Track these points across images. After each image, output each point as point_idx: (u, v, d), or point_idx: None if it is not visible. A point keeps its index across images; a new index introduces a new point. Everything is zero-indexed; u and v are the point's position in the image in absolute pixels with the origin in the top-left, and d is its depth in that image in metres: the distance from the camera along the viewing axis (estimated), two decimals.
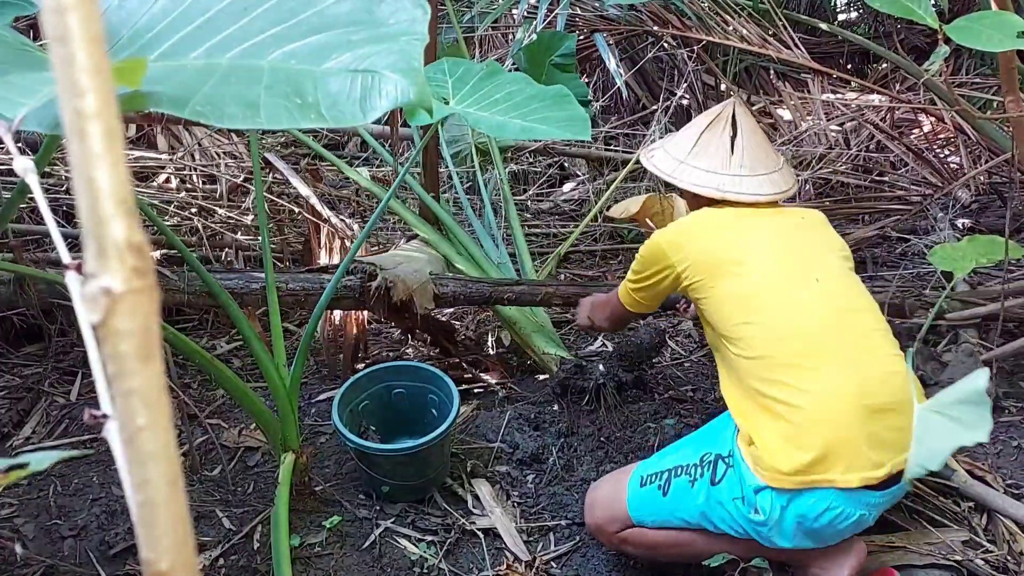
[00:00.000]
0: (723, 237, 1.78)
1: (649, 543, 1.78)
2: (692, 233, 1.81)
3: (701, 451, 1.73)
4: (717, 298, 1.72)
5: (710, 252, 1.76)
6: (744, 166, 1.84)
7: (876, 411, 1.59)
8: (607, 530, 1.81)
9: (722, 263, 1.73)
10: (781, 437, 1.58)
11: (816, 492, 1.55)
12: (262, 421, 1.92)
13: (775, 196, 1.84)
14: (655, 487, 1.74)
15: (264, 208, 1.90)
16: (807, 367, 1.60)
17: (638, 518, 1.76)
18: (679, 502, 1.70)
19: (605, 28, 3.58)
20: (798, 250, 1.78)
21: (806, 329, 1.65)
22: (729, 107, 1.90)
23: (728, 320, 1.70)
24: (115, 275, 0.35)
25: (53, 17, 0.35)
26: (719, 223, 1.80)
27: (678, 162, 1.88)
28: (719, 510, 1.65)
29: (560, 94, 1.92)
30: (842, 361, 1.62)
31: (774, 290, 1.70)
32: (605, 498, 1.83)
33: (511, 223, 2.84)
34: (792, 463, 1.55)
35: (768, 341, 1.65)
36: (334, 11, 0.96)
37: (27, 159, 0.46)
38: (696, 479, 1.69)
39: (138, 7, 1.06)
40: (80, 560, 1.85)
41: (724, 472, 1.66)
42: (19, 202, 1.54)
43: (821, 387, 1.58)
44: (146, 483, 0.37)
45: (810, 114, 3.73)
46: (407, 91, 0.86)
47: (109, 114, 0.36)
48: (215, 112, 0.80)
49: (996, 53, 2.18)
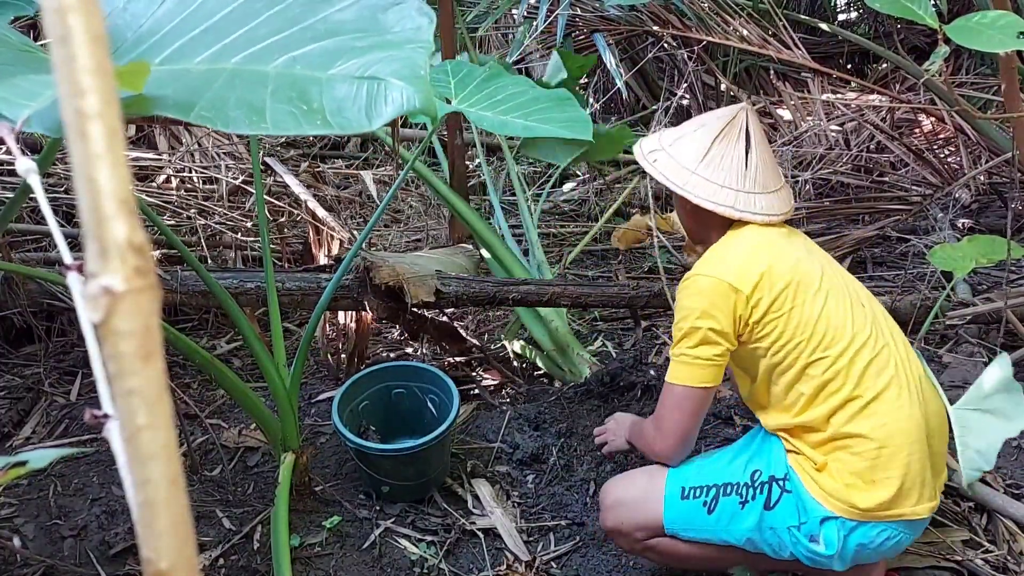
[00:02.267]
0: (779, 256, 1.59)
1: (680, 555, 1.68)
2: (749, 255, 1.59)
3: (751, 468, 1.61)
4: (785, 330, 1.55)
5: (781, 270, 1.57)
6: (757, 182, 1.67)
7: (931, 437, 1.57)
8: (632, 536, 1.68)
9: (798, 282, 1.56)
10: (854, 473, 1.52)
11: (883, 523, 1.53)
12: (262, 421, 1.92)
13: (785, 216, 1.69)
14: (699, 503, 1.61)
15: (264, 209, 1.90)
16: (876, 399, 1.54)
17: (673, 530, 1.64)
18: (726, 523, 1.59)
19: (605, 28, 3.58)
20: (830, 273, 1.65)
21: (873, 360, 1.56)
22: (742, 115, 1.71)
23: (799, 354, 1.55)
24: (116, 275, 0.36)
25: (54, 17, 0.35)
26: (764, 243, 1.62)
27: (689, 172, 1.66)
28: (770, 536, 1.57)
29: (562, 96, 1.92)
30: (903, 390, 1.55)
31: (847, 312, 1.58)
32: (635, 501, 1.68)
33: (525, 224, 2.80)
34: (870, 500, 1.50)
35: (845, 369, 1.54)
36: (339, 18, 0.97)
37: (29, 160, 0.46)
38: (747, 500, 1.58)
39: (143, 11, 1.06)
40: (80, 560, 1.85)
41: (779, 497, 1.56)
42: (21, 202, 1.54)
43: (892, 420, 1.52)
44: (147, 483, 0.37)
45: (810, 114, 3.73)
46: (412, 98, 0.86)
47: (110, 114, 0.36)
48: (220, 117, 0.80)
49: (996, 53, 2.18)
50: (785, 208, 1.69)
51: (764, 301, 1.55)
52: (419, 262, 2.43)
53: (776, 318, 1.54)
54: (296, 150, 4.14)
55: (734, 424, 2.29)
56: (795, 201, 3.28)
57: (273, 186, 3.20)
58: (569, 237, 3.59)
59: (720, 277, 1.56)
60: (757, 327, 1.56)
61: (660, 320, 2.90)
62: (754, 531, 1.58)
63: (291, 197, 3.11)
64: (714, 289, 1.55)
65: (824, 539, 1.53)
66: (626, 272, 3.27)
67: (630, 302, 2.44)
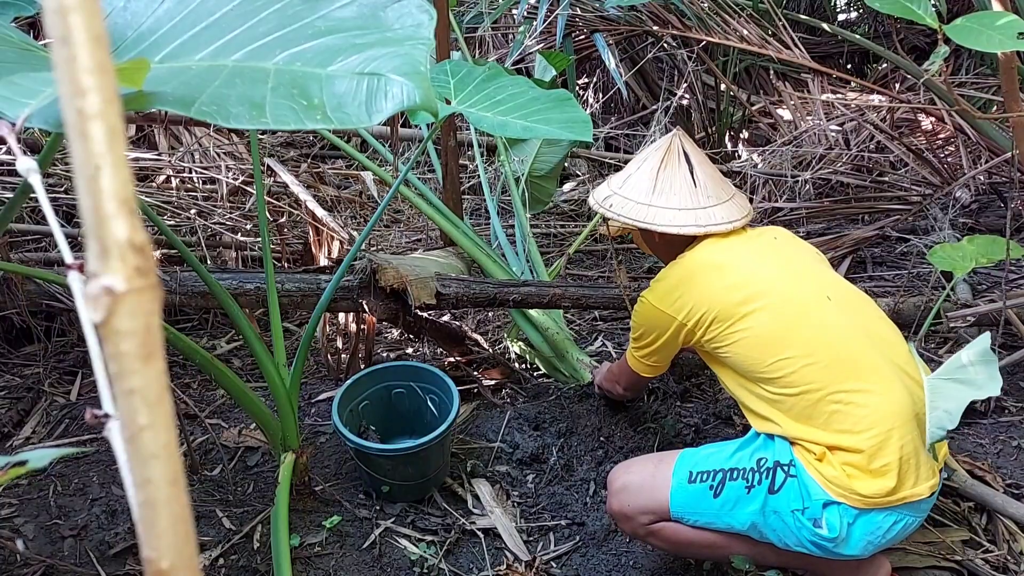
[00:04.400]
0: (722, 279, 1.68)
1: (683, 541, 1.69)
2: (688, 285, 1.71)
3: (757, 455, 1.64)
4: (744, 342, 1.63)
5: (717, 299, 1.66)
6: (710, 195, 1.78)
7: (919, 416, 1.58)
8: (637, 520, 1.70)
9: (735, 305, 1.64)
10: (852, 464, 1.54)
11: (888, 510, 1.55)
12: (262, 421, 1.92)
13: (746, 220, 1.79)
14: (706, 487, 1.64)
15: (264, 209, 1.90)
16: (859, 391, 1.56)
17: (679, 515, 1.67)
18: (731, 507, 1.62)
19: (605, 28, 3.58)
20: (796, 270, 1.72)
21: (844, 352, 1.59)
22: (675, 141, 1.83)
23: (761, 360, 1.61)
24: (117, 274, 0.36)
25: (55, 17, 0.35)
26: (710, 264, 1.72)
27: (645, 206, 1.77)
28: (774, 520, 1.59)
29: (561, 96, 1.92)
30: (887, 377, 1.58)
31: (800, 318, 1.62)
32: (641, 486, 1.71)
33: (522, 226, 2.79)
34: (872, 488, 1.52)
35: (812, 372, 1.57)
36: (340, 15, 0.97)
37: (30, 159, 0.46)
38: (753, 485, 1.60)
39: (143, 10, 1.06)
40: (80, 560, 1.85)
41: (784, 481, 1.59)
42: (21, 202, 1.54)
43: (879, 409, 1.55)
44: (148, 482, 0.37)
45: (810, 114, 3.72)
46: (412, 94, 0.87)
47: (111, 114, 0.36)
48: (220, 112, 0.81)
49: (996, 53, 2.18)
50: (743, 213, 1.79)
51: (711, 324, 1.67)
52: (417, 264, 2.43)
53: (728, 331, 1.65)
54: (296, 150, 4.13)
55: (734, 424, 2.30)
56: (795, 201, 3.31)
57: (273, 186, 3.20)
58: (568, 237, 3.59)
59: (663, 309, 1.73)
60: (710, 342, 1.69)
61: None
62: (758, 515, 1.59)
63: (291, 197, 3.11)
64: (658, 317, 1.75)
65: (827, 523, 1.55)
66: (627, 272, 3.27)
67: (631, 303, 2.44)
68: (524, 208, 2.78)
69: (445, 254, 2.70)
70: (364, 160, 2.78)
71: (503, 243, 2.76)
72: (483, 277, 2.56)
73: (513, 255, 2.76)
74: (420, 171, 3.85)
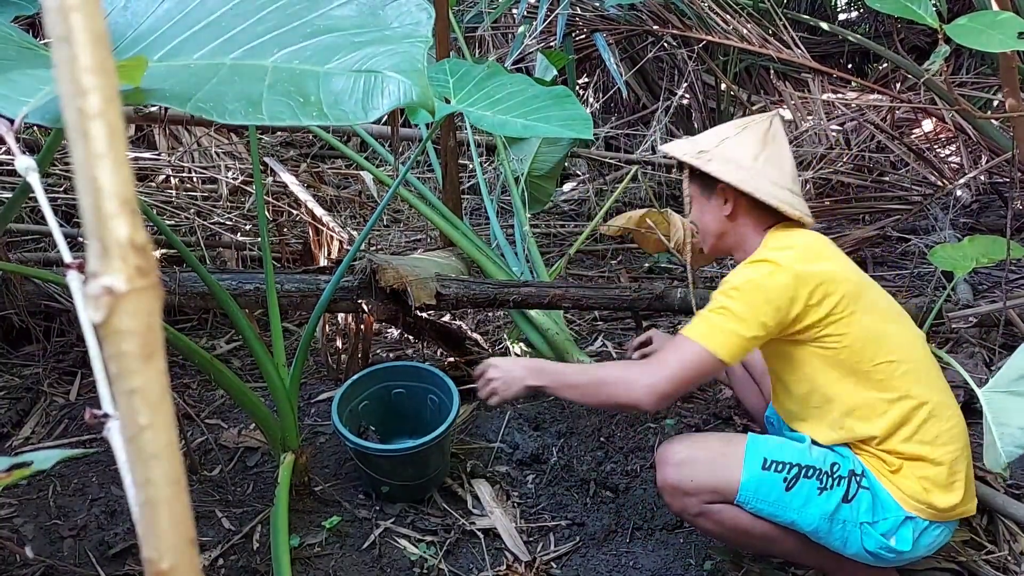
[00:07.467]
0: (837, 261, 1.58)
1: (740, 527, 1.60)
2: (826, 254, 1.58)
3: (830, 459, 1.58)
4: (855, 335, 1.53)
5: (847, 275, 1.55)
6: (798, 185, 1.68)
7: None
8: (696, 496, 1.59)
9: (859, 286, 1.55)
10: (929, 478, 1.54)
11: (945, 522, 1.57)
12: (262, 421, 1.92)
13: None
14: (780, 477, 1.56)
15: (264, 209, 1.90)
16: (943, 403, 1.57)
17: (745, 499, 1.57)
18: (800, 504, 1.56)
19: (605, 28, 3.58)
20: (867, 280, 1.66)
21: (929, 362, 1.59)
22: (778, 120, 1.69)
23: (870, 358, 1.54)
24: (118, 274, 0.35)
25: (56, 17, 0.35)
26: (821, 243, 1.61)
27: (746, 170, 1.61)
28: (839, 528, 1.55)
29: (561, 94, 1.91)
30: (946, 390, 1.60)
31: (893, 323, 1.59)
32: (709, 462, 1.59)
33: (522, 226, 2.78)
34: (947, 501, 1.54)
35: (910, 380, 1.55)
36: (338, 14, 0.97)
37: (29, 158, 0.46)
38: (826, 488, 1.55)
39: (143, 10, 1.07)
40: (80, 560, 1.85)
41: (857, 492, 1.55)
42: (21, 202, 1.54)
43: (959, 423, 1.58)
44: (148, 483, 0.37)
45: (810, 114, 3.72)
46: (409, 91, 0.87)
47: (112, 114, 0.36)
48: (217, 108, 0.81)
49: (996, 53, 2.18)
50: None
51: (827, 302, 1.52)
52: (417, 264, 2.42)
53: (837, 321, 1.53)
54: (295, 150, 4.13)
55: (734, 424, 2.29)
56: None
57: (273, 186, 3.20)
58: (569, 237, 3.59)
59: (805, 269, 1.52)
60: (830, 321, 1.53)
61: (661, 321, 2.90)
62: (826, 520, 1.55)
63: (291, 197, 3.11)
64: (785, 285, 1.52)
65: (899, 536, 1.55)
66: (627, 272, 3.27)
67: (631, 304, 2.43)
68: (524, 208, 2.78)
69: (445, 254, 2.70)
70: (362, 161, 2.78)
71: (502, 243, 2.76)
72: (483, 278, 2.56)
73: (513, 255, 2.76)
74: (419, 171, 3.85)
